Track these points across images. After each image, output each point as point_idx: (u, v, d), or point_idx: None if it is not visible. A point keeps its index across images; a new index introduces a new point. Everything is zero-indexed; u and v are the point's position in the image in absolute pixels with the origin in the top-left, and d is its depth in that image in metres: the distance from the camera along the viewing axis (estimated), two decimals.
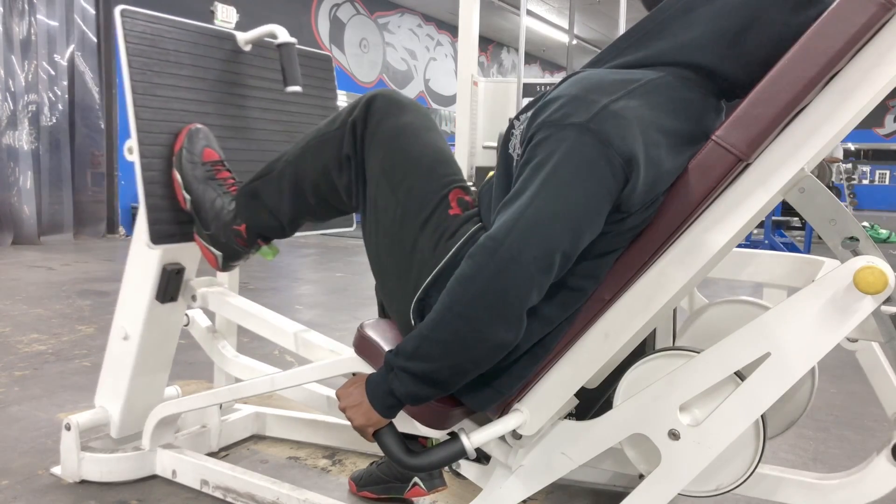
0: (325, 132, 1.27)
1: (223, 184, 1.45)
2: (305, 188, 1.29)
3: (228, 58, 1.61)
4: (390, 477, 1.60)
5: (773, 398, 1.01)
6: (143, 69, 1.43)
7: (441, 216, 1.14)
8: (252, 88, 1.67)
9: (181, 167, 1.43)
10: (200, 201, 1.43)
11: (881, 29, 0.93)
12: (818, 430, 2.19)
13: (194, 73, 1.53)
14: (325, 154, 1.26)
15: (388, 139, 1.18)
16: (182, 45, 1.51)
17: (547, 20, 11.90)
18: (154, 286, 1.58)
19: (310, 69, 1.81)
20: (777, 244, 6.18)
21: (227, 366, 1.72)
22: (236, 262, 1.47)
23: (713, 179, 0.98)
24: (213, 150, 1.47)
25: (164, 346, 1.70)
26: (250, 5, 7.87)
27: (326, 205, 1.31)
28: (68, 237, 6.62)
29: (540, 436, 1.16)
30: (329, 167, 1.25)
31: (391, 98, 1.22)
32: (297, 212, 1.34)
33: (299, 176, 1.29)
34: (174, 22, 1.51)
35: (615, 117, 0.93)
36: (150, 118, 1.44)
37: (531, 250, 0.93)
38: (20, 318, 3.37)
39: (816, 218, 1.02)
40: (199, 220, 1.45)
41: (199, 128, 1.48)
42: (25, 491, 1.62)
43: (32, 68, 6.35)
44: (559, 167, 0.93)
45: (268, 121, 1.70)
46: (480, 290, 0.94)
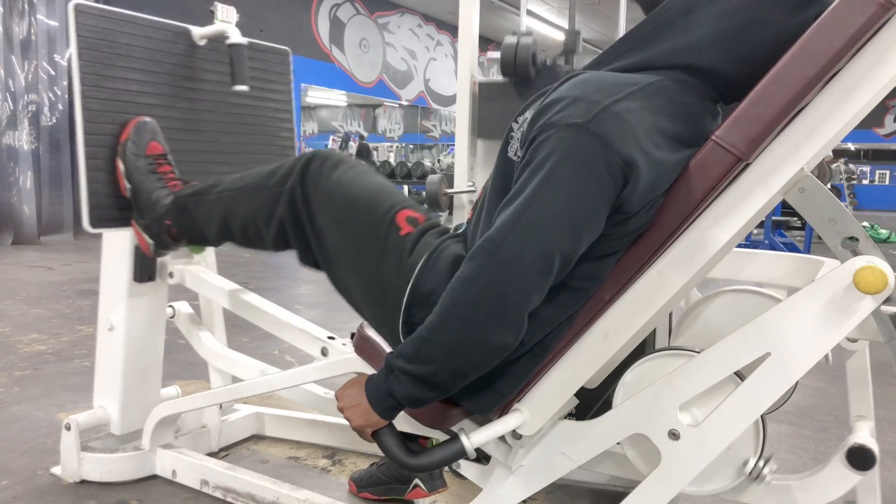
0: (262, 184, 1.32)
1: (163, 177, 1.52)
2: (233, 225, 1.36)
3: (183, 52, 1.66)
4: (391, 478, 1.60)
5: (773, 398, 1.01)
6: (93, 62, 1.49)
7: (394, 239, 1.16)
8: (205, 82, 1.71)
9: (125, 157, 1.51)
10: (139, 191, 1.50)
11: (881, 29, 0.93)
12: (818, 430, 2.19)
13: (146, 67, 1.58)
14: (257, 205, 1.31)
15: (329, 196, 1.23)
16: (135, 39, 1.56)
17: (547, 20, 11.91)
18: (130, 268, 1.63)
19: (266, 63, 1.86)
20: (777, 244, 6.18)
21: (209, 357, 1.73)
22: (167, 251, 1.56)
23: (713, 179, 0.98)
24: (159, 143, 1.54)
25: (151, 334, 1.72)
26: (250, 5, 7.88)
27: (250, 243, 1.38)
28: (68, 237, 6.62)
29: (540, 436, 1.16)
30: (258, 218, 1.31)
31: (321, 159, 1.27)
32: (222, 237, 1.42)
33: (229, 213, 1.36)
34: (128, 16, 1.56)
35: (615, 118, 0.93)
36: (97, 108, 1.50)
37: (530, 252, 0.93)
38: (20, 318, 3.37)
39: (816, 218, 1.02)
40: (136, 209, 1.53)
41: (146, 121, 1.55)
42: (25, 491, 1.62)
43: (32, 68, 6.35)
44: (558, 168, 0.93)
45: (219, 113, 1.75)
46: (479, 292, 0.94)
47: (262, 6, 8.64)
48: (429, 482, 1.59)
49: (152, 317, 1.71)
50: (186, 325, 1.78)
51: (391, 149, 14.58)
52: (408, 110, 13.64)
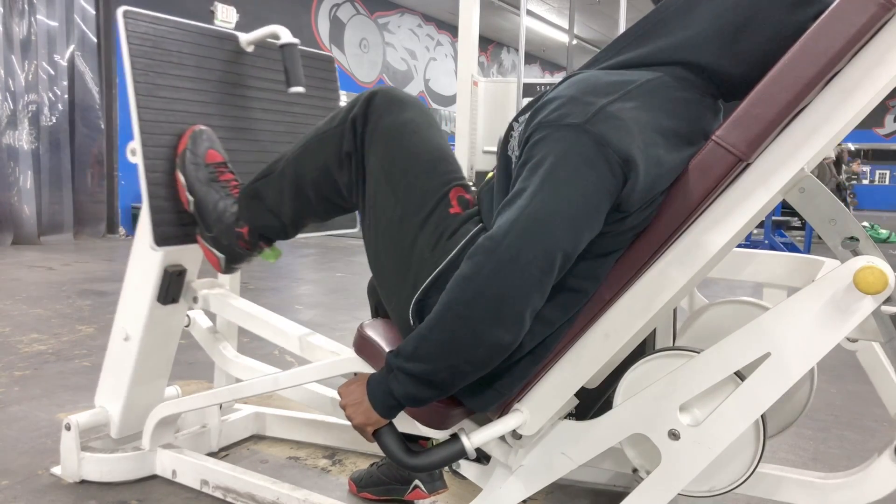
0: (324, 130, 1.26)
1: (226, 186, 1.44)
2: (306, 187, 1.29)
3: (231, 59, 1.61)
4: (391, 479, 1.60)
5: (773, 398, 1.01)
6: (146, 70, 1.43)
7: (441, 214, 1.13)
8: (254, 89, 1.67)
9: (185, 169, 1.43)
10: (203, 203, 1.42)
11: (881, 29, 0.93)
12: (818, 430, 2.19)
13: (197, 75, 1.53)
14: (326, 152, 1.25)
15: (388, 136, 1.17)
16: (184, 46, 1.51)
17: (547, 20, 11.90)
18: (155, 288, 1.58)
19: (312, 70, 1.81)
20: (777, 244, 6.18)
21: (229, 366, 1.72)
22: (239, 264, 1.47)
23: (713, 179, 0.98)
24: (217, 151, 1.47)
25: (165, 348, 1.70)
26: (250, 5, 7.87)
27: (328, 203, 1.30)
28: (68, 237, 6.62)
29: (540, 436, 1.16)
30: (329, 165, 1.25)
31: (391, 95, 1.21)
32: (298, 211, 1.34)
33: (300, 175, 1.29)
34: (177, 23, 1.51)
35: (611, 118, 0.93)
36: (153, 119, 1.44)
37: (531, 250, 0.92)
38: (20, 318, 3.37)
39: (816, 218, 1.02)
40: (202, 222, 1.44)
41: (202, 129, 1.47)
42: (25, 491, 1.62)
43: (32, 68, 6.35)
44: (557, 167, 0.93)
45: (270, 122, 1.70)
46: (479, 291, 0.93)
47: (262, 6, 8.63)
48: (429, 483, 1.59)
49: (169, 331, 1.69)
50: (203, 335, 1.76)
51: None
52: None
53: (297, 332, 1.52)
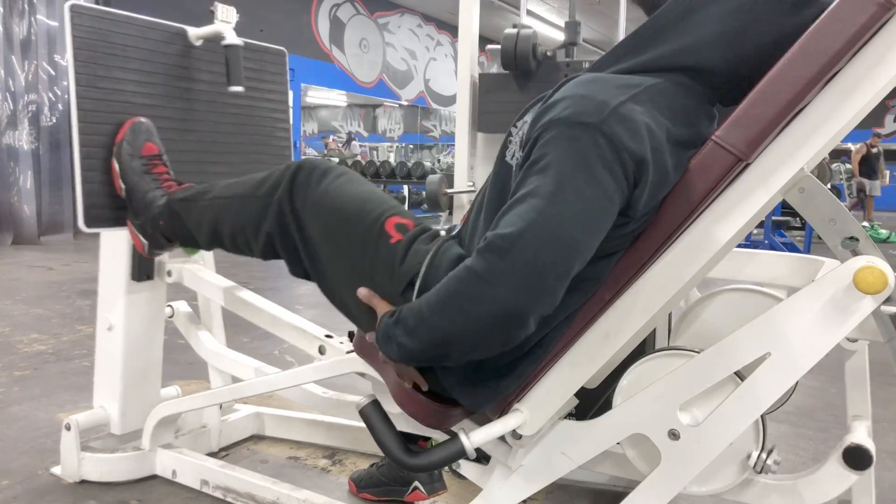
0: (251, 194, 1.32)
1: (158, 178, 1.52)
2: (223, 234, 1.37)
3: (179, 52, 1.66)
4: (390, 479, 1.60)
5: (773, 398, 1.01)
6: (88, 62, 1.50)
7: (385, 248, 1.15)
8: (201, 82, 1.71)
9: (120, 158, 1.51)
10: (133, 192, 1.50)
11: (881, 29, 0.93)
12: (818, 430, 2.19)
13: (142, 67, 1.58)
14: (246, 214, 1.31)
15: (318, 206, 1.22)
16: (131, 40, 1.56)
17: (547, 20, 11.91)
18: (128, 267, 1.64)
19: (262, 63, 1.86)
20: (777, 244, 6.18)
21: (208, 356, 1.73)
22: (161, 251, 1.56)
23: (713, 179, 0.98)
24: (154, 144, 1.55)
25: (150, 333, 1.72)
26: (250, 5, 7.88)
27: (240, 251, 1.38)
28: (68, 237, 6.62)
29: (540, 436, 1.16)
30: (246, 228, 1.32)
31: (308, 168, 1.26)
32: (213, 244, 1.43)
33: (219, 221, 1.37)
34: (124, 17, 1.56)
35: (626, 120, 0.92)
36: (92, 108, 1.51)
37: (549, 254, 0.89)
38: (20, 318, 3.37)
39: (816, 218, 1.02)
40: (130, 209, 1.53)
41: (142, 121, 1.55)
42: (25, 491, 1.62)
43: (32, 68, 6.35)
44: (575, 167, 0.90)
45: (216, 114, 1.75)
46: (487, 291, 0.91)
47: (262, 6, 8.63)
48: (428, 484, 1.59)
49: (151, 316, 1.71)
50: (185, 325, 1.78)
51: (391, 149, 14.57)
52: (408, 110, 13.64)
53: (267, 308, 1.59)
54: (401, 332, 1.00)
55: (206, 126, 1.73)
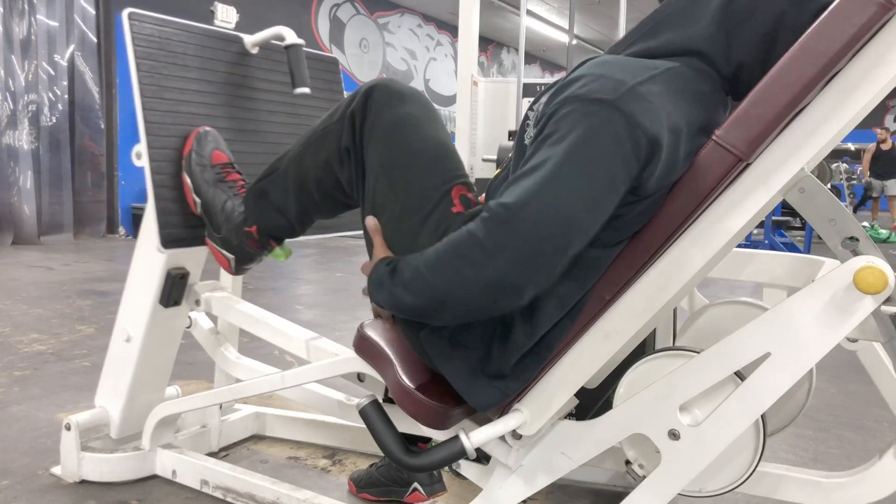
0: (325, 126, 1.26)
1: (233, 186, 1.44)
2: (309, 184, 1.28)
3: (235, 60, 1.61)
4: (389, 480, 1.60)
5: (774, 398, 1.01)
6: (152, 72, 1.43)
7: (443, 213, 1.11)
8: (259, 91, 1.67)
9: (191, 170, 1.43)
10: (211, 204, 1.42)
11: (881, 29, 0.93)
12: (818, 430, 2.19)
13: (202, 76, 1.53)
14: (326, 148, 1.24)
15: (387, 131, 1.16)
16: (189, 48, 1.51)
17: (547, 20, 11.90)
18: (158, 290, 1.58)
19: (316, 71, 1.81)
20: (777, 244, 6.18)
21: (231, 368, 1.71)
22: (249, 264, 1.45)
23: (713, 179, 0.98)
24: (222, 152, 1.47)
25: (166, 349, 1.70)
26: (250, 5, 7.87)
27: (332, 200, 1.30)
28: (68, 237, 6.62)
29: (540, 436, 1.16)
30: (331, 161, 1.24)
31: (391, 88, 1.20)
32: (303, 208, 1.33)
33: (302, 172, 1.28)
34: (181, 25, 1.51)
35: (642, 99, 0.92)
36: (159, 121, 1.43)
37: (549, 227, 0.89)
38: (20, 318, 3.37)
39: (816, 218, 1.02)
40: (210, 224, 1.44)
41: (207, 130, 1.47)
42: (25, 491, 1.62)
43: (32, 68, 6.35)
44: (585, 142, 0.90)
45: (276, 123, 1.70)
46: (485, 258, 0.91)
47: (262, 6, 8.63)
48: (428, 486, 1.59)
49: (170, 333, 1.69)
50: (205, 336, 1.75)
51: None
52: None
53: (302, 336, 1.51)
54: (396, 283, 1.01)
55: (268, 136, 1.68)
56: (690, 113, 0.98)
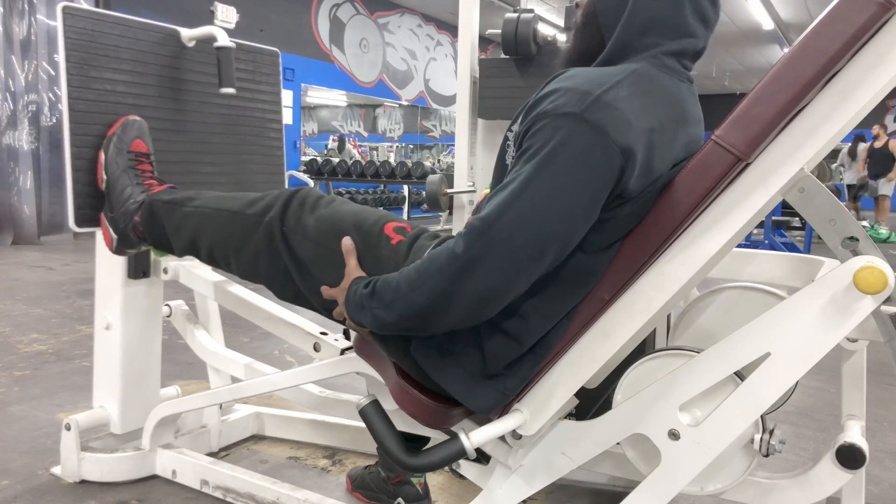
0: (240, 211, 1.31)
1: (140, 175, 1.52)
2: (201, 245, 1.36)
3: (172, 53, 1.66)
4: (378, 488, 1.61)
5: (773, 398, 1.01)
6: (80, 63, 1.50)
7: (387, 249, 1.17)
8: (194, 83, 1.72)
9: (107, 149, 1.52)
10: (114, 184, 1.50)
11: (881, 29, 0.93)
12: (818, 430, 2.19)
13: (134, 68, 1.59)
14: (231, 230, 1.31)
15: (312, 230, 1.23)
16: (123, 41, 1.57)
17: (547, 20, 11.90)
18: (125, 267, 1.65)
19: (256, 64, 1.86)
20: (777, 244, 6.18)
21: (205, 355, 1.74)
22: (130, 249, 1.54)
23: (712, 179, 0.98)
24: (144, 142, 1.54)
25: (148, 332, 1.72)
26: (250, 5, 7.87)
27: (215, 264, 1.38)
28: (68, 237, 6.62)
29: (540, 436, 1.16)
30: (228, 244, 1.31)
31: (302, 199, 1.27)
32: (187, 252, 1.42)
33: (200, 231, 1.36)
34: (116, 18, 1.57)
35: (608, 107, 0.94)
36: (84, 110, 1.51)
37: (523, 236, 0.94)
38: (20, 318, 3.37)
39: (816, 218, 1.02)
40: (107, 201, 1.52)
41: (135, 120, 1.55)
42: (25, 491, 1.62)
43: (32, 68, 6.35)
44: (555, 155, 0.94)
45: (208, 115, 1.75)
46: (465, 270, 0.95)
47: (262, 6, 8.63)
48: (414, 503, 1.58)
49: (148, 313, 1.71)
50: (183, 324, 1.79)
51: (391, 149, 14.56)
52: (408, 110, 13.63)
53: (262, 305, 1.58)
54: (376, 304, 1.04)
55: (198, 127, 1.73)
56: (663, 108, 1.01)
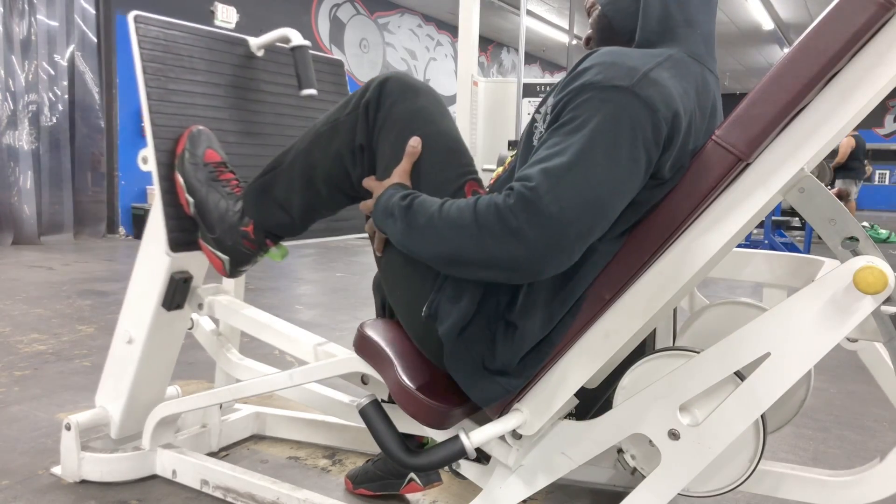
0: (335, 118, 1.24)
1: (227, 185, 1.42)
2: (317, 178, 1.26)
3: (241, 63, 1.61)
4: (386, 473, 1.60)
5: (773, 398, 1.01)
6: (158, 75, 1.42)
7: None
8: (265, 93, 1.67)
9: (183, 169, 1.41)
10: (204, 203, 1.39)
11: (881, 29, 0.93)
12: (818, 430, 2.19)
13: (208, 79, 1.53)
14: (338, 140, 1.22)
15: (402, 123, 1.15)
16: (195, 51, 1.51)
17: (547, 20, 11.90)
18: (161, 293, 1.57)
19: (321, 73, 1.82)
20: (777, 244, 6.18)
21: (233, 369, 1.71)
22: (244, 266, 1.43)
23: (713, 179, 0.98)
24: (216, 151, 1.45)
25: (168, 351, 1.70)
26: (250, 5, 7.87)
27: (340, 195, 1.28)
28: (68, 237, 6.62)
29: (540, 436, 1.16)
30: (342, 154, 1.22)
31: (404, 81, 1.19)
32: (309, 204, 1.30)
33: (311, 165, 1.26)
34: (187, 27, 1.51)
35: (657, 84, 0.93)
36: (166, 124, 1.42)
37: (575, 210, 0.90)
38: (20, 318, 3.37)
39: (816, 218, 1.02)
40: (203, 224, 1.41)
41: (200, 129, 1.45)
42: (25, 491, 1.62)
43: (32, 68, 6.35)
44: (607, 128, 0.91)
45: (282, 125, 1.70)
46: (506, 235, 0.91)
47: (262, 6, 8.63)
48: (423, 476, 1.59)
49: (172, 335, 1.69)
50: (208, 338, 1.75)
51: None
52: None
53: (308, 341, 1.50)
54: (408, 221, 1.00)
55: (274, 139, 1.67)
56: (697, 97, 1.01)
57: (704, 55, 1.07)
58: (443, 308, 1.08)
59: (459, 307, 1.06)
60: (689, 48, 1.06)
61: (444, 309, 1.08)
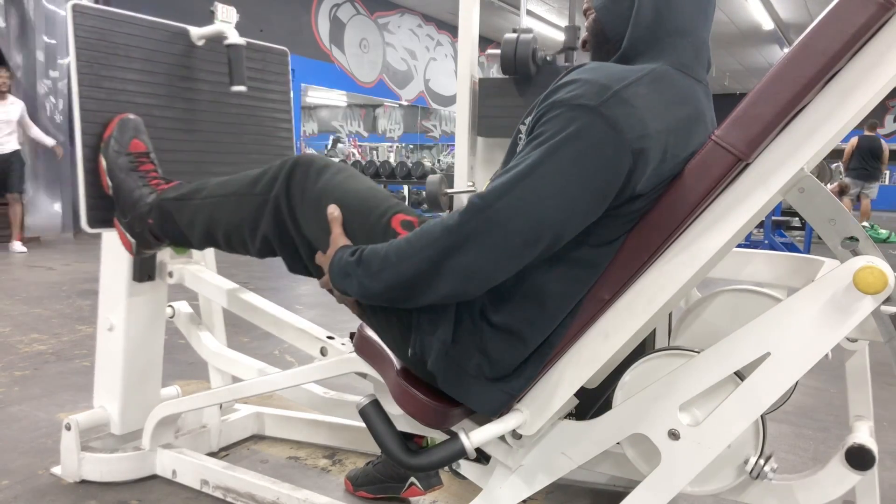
0: (246, 192, 1.30)
1: (145, 176, 1.50)
2: (217, 234, 1.35)
3: (181, 52, 1.66)
4: (386, 476, 1.60)
5: (773, 398, 1.01)
6: (90, 62, 1.49)
7: None
8: (204, 82, 1.71)
9: (107, 154, 1.49)
10: (121, 189, 1.48)
11: (881, 29, 0.93)
12: (818, 430, 2.19)
13: (144, 67, 1.58)
14: (242, 213, 1.30)
15: (316, 203, 1.20)
16: (133, 39, 1.56)
17: (547, 20, 11.90)
18: (129, 268, 1.64)
19: (264, 63, 1.86)
20: (777, 244, 6.18)
21: (210, 357, 1.73)
22: (149, 251, 1.55)
23: (713, 179, 0.98)
24: (141, 141, 1.52)
25: (151, 334, 1.72)
26: (250, 5, 7.87)
27: (234, 250, 1.37)
28: (68, 237, 6.62)
29: (540, 436, 1.16)
30: (242, 227, 1.30)
31: (306, 165, 1.24)
32: (206, 244, 1.42)
33: (213, 221, 1.35)
34: (126, 17, 1.56)
35: (625, 104, 0.94)
36: (95, 108, 1.50)
37: (519, 220, 0.94)
38: (20, 318, 3.37)
39: (816, 218, 1.02)
40: (118, 207, 1.51)
41: (130, 118, 1.52)
42: (25, 491, 1.62)
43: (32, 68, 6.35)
44: (565, 145, 0.93)
45: (217, 113, 1.75)
46: (457, 244, 0.96)
47: (262, 6, 8.63)
48: (424, 480, 1.59)
49: (152, 316, 1.71)
50: (186, 325, 1.78)
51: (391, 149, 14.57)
52: (408, 110, 13.64)
53: (269, 309, 1.58)
54: (363, 272, 1.04)
55: (209, 126, 1.73)
56: (678, 109, 1.01)
57: (693, 65, 1.07)
58: (426, 343, 1.10)
59: (438, 336, 1.08)
60: (677, 58, 1.05)
61: (426, 344, 1.10)
